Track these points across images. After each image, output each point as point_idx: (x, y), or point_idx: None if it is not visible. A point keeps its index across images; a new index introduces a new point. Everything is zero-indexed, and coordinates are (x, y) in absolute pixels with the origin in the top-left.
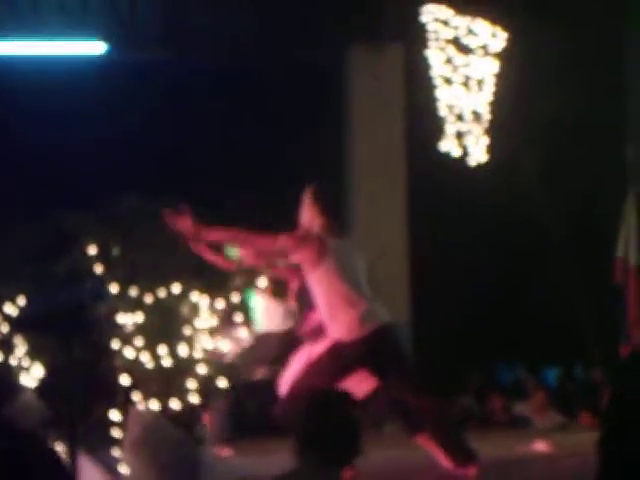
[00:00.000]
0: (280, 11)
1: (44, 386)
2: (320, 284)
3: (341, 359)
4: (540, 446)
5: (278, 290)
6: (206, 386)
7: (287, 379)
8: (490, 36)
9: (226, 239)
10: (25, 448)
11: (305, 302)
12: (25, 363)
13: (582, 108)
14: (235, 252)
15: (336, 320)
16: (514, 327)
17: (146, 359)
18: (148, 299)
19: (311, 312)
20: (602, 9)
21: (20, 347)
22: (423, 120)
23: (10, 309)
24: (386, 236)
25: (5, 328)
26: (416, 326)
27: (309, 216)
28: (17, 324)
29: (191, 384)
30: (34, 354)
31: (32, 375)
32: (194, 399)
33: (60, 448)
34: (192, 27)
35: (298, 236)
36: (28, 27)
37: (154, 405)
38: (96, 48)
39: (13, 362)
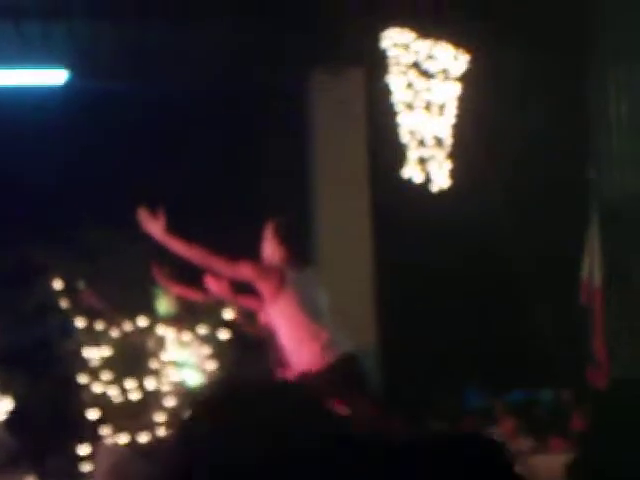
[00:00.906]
0: (242, 34)
1: (12, 420)
2: (281, 316)
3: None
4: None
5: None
6: (174, 418)
7: None
8: (452, 59)
9: (189, 254)
10: None
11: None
12: None
13: (544, 129)
14: (165, 305)
15: (299, 351)
16: (482, 351)
17: (114, 393)
18: (114, 333)
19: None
20: (564, 30)
21: None
22: (385, 145)
23: None
24: (352, 262)
25: None
26: (384, 352)
27: (270, 249)
28: None
29: (159, 417)
30: (2, 388)
31: (0, 409)
32: (162, 431)
33: None
34: (154, 53)
35: (259, 266)
36: None
37: (123, 438)
38: (57, 77)
39: None
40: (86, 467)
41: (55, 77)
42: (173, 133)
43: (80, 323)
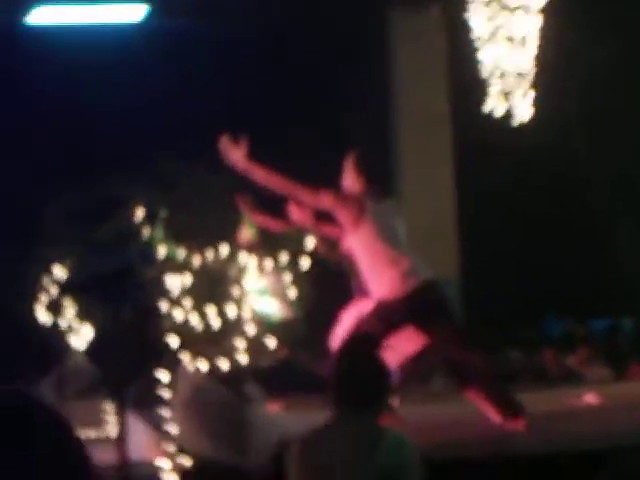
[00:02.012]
0: None
1: (93, 348)
2: (361, 244)
3: (387, 318)
4: (590, 398)
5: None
6: (255, 346)
7: (337, 336)
8: None
9: (270, 182)
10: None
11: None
12: (74, 325)
13: (625, 62)
14: (250, 232)
15: (379, 279)
16: (563, 280)
17: (194, 320)
18: (196, 261)
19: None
20: None
21: (69, 309)
22: (467, 80)
23: (59, 272)
24: (434, 194)
25: (54, 291)
26: (465, 281)
27: (351, 179)
28: (66, 287)
29: (240, 344)
30: (83, 316)
31: (81, 337)
32: (242, 359)
33: (109, 407)
34: None
35: (340, 195)
36: None
37: (202, 365)
38: (135, 13)
39: (63, 324)
40: (166, 393)
41: (134, 13)
42: (254, 68)
43: (161, 251)
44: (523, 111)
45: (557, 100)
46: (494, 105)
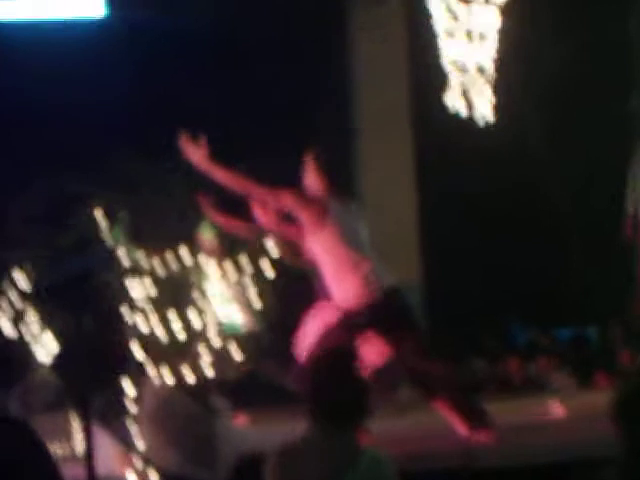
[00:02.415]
0: None
1: (57, 358)
2: (323, 247)
3: (351, 327)
4: (555, 409)
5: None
6: (220, 357)
7: (303, 344)
8: None
9: (231, 182)
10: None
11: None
12: (38, 336)
13: (585, 61)
14: (210, 234)
15: (341, 283)
16: (527, 287)
17: (158, 328)
18: (156, 264)
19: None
20: None
21: (32, 319)
22: (427, 74)
23: (21, 279)
24: (395, 195)
25: (17, 301)
26: (428, 288)
27: (312, 180)
28: (28, 296)
29: (204, 354)
30: (46, 325)
31: (45, 348)
32: (208, 370)
33: (74, 421)
34: None
35: (301, 195)
36: None
37: (168, 377)
38: (95, 10)
39: (26, 335)
40: (132, 405)
41: (93, 9)
42: (213, 63)
43: (122, 254)
44: (483, 109)
45: (518, 100)
46: (454, 101)
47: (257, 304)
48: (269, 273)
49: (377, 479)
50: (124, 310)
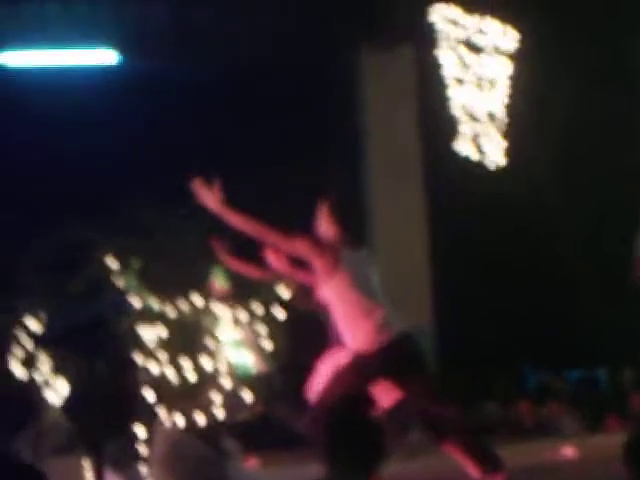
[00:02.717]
0: (290, 12)
1: (69, 402)
2: (335, 294)
3: (362, 371)
4: (567, 452)
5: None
6: (231, 400)
7: (314, 389)
8: (501, 34)
9: (245, 227)
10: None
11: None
12: (49, 380)
13: (598, 105)
14: (222, 279)
15: (353, 330)
16: (539, 331)
17: (170, 373)
18: (170, 311)
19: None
20: (616, 3)
21: (44, 363)
22: (437, 121)
23: (32, 324)
24: (406, 241)
25: (28, 344)
26: (440, 332)
27: (325, 227)
28: (40, 340)
29: (216, 398)
30: (58, 370)
31: (57, 392)
32: (219, 413)
33: (86, 464)
34: (203, 33)
35: (315, 242)
36: (34, 36)
37: (179, 420)
38: (108, 58)
39: (38, 379)
40: (143, 449)
41: (106, 58)
42: (225, 112)
43: (135, 302)
44: (494, 155)
45: (530, 145)
46: (464, 147)
47: (268, 347)
48: (281, 316)
49: None
50: (136, 355)
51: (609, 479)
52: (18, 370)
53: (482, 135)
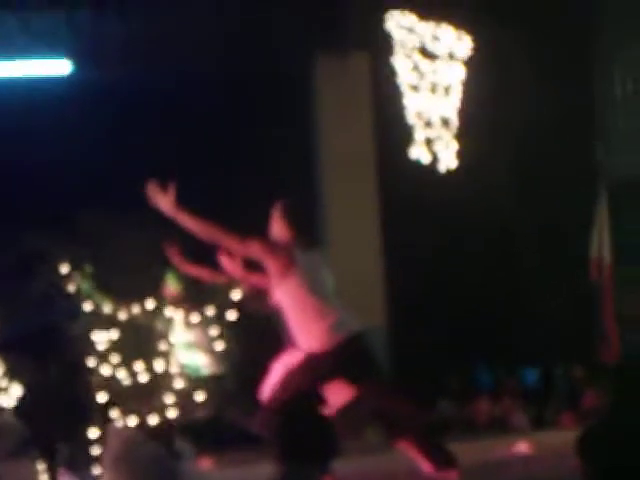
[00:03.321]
0: (246, 19)
1: (22, 406)
2: (289, 296)
3: (314, 371)
4: (522, 448)
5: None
6: (184, 401)
7: (267, 389)
8: (455, 41)
9: (198, 229)
10: None
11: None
12: (3, 384)
13: (550, 109)
14: (175, 284)
15: (307, 332)
16: (493, 329)
17: (123, 376)
18: (122, 316)
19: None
20: (569, 11)
21: None
22: (392, 128)
23: None
24: (360, 243)
25: None
26: (393, 331)
27: (278, 229)
28: None
29: (168, 399)
30: (12, 375)
31: (10, 395)
32: (171, 414)
33: (40, 467)
34: (157, 40)
35: (268, 244)
36: None
37: (132, 421)
38: (61, 68)
39: None
40: (96, 450)
41: (59, 68)
42: (178, 119)
43: (87, 307)
44: (448, 160)
45: (482, 151)
46: (419, 152)
47: (220, 348)
48: (233, 318)
49: None
50: (89, 359)
51: (562, 474)
52: None
53: (435, 140)
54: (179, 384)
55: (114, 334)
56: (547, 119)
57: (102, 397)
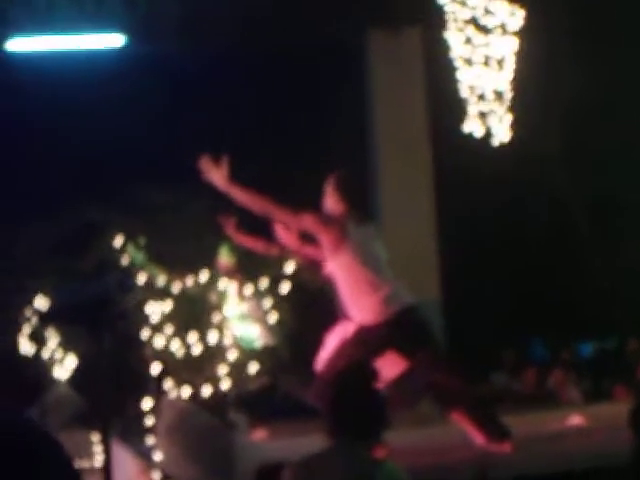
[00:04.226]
0: None
1: (77, 377)
2: (342, 269)
3: (368, 342)
4: (575, 420)
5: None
6: (238, 372)
7: (321, 360)
8: (508, 14)
9: (252, 203)
10: (35, 447)
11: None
12: (58, 355)
13: (602, 79)
14: (229, 256)
15: (359, 304)
16: (548, 302)
17: (176, 347)
18: (176, 288)
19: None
20: None
21: (52, 339)
22: (445, 102)
23: (41, 303)
24: (414, 216)
25: (36, 321)
26: (448, 305)
27: (332, 202)
28: (48, 317)
29: (222, 370)
30: (66, 346)
31: (65, 367)
32: (225, 385)
33: (94, 438)
34: (209, 14)
35: (321, 217)
36: (43, 23)
37: (186, 392)
38: (114, 41)
39: (45, 355)
40: (150, 421)
41: (113, 41)
42: (230, 94)
43: (141, 279)
44: (501, 133)
45: (537, 121)
46: (473, 126)
47: (273, 319)
48: (286, 290)
49: None
50: (144, 330)
51: (615, 446)
52: (26, 346)
53: (489, 114)
54: (232, 355)
55: (167, 306)
56: (600, 89)
57: (156, 368)
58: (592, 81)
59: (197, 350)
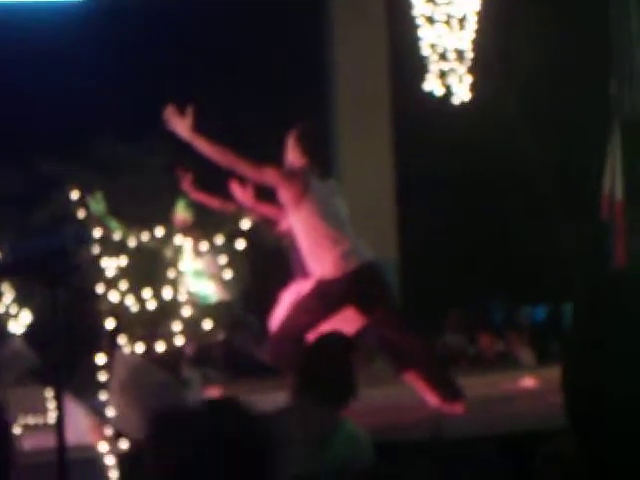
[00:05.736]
0: None
1: (30, 332)
2: (302, 223)
3: (326, 297)
4: (528, 382)
5: None
6: (191, 328)
7: (276, 317)
8: None
9: (215, 154)
10: None
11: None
12: (12, 310)
13: (565, 44)
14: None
15: (319, 258)
16: (503, 265)
17: (131, 303)
18: (132, 243)
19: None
20: None
21: (7, 294)
22: (406, 58)
23: None
24: (372, 174)
25: None
26: (405, 264)
27: (293, 156)
28: (1, 271)
29: (176, 326)
30: (20, 301)
31: (19, 322)
32: (179, 341)
33: (47, 393)
34: None
35: (284, 170)
36: None
37: (139, 348)
38: None
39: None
40: (103, 377)
41: None
42: (193, 42)
43: (97, 233)
44: (462, 92)
45: (497, 82)
46: (433, 85)
47: (228, 276)
48: (241, 246)
49: (353, 451)
50: (98, 285)
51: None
52: None
53: (449, 72)
54: (187, 311)
55: (123, 261)
56: (562, 54)
57: (110, 324)
58: (555, 44)
59: (152, 306)
